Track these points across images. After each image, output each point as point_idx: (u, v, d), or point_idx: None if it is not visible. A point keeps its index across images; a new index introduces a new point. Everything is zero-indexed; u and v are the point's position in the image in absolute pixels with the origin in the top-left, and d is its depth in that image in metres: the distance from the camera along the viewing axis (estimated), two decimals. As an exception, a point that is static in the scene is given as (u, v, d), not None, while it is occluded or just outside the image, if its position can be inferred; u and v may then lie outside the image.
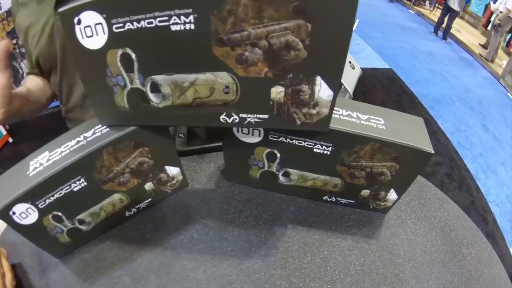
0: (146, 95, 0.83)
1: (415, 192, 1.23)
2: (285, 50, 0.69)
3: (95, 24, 0.72)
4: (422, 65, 8.63)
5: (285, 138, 0.95)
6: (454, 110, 6.82)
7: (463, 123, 6.38)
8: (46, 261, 1.06)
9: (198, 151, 1.34)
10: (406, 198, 1.16)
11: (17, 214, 0.87)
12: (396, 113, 0.98)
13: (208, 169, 1.28)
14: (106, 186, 0.98)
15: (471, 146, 5.73)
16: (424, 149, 0.88)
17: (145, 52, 0.75)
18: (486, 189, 4.85)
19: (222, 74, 0.75)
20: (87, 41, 0.75)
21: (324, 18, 0.65)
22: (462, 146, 5.63)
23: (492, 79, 8.82)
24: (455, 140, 5.73)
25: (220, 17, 0.66)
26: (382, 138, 0.88)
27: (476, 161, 5.38)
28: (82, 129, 0.96)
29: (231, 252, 1.01)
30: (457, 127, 6.19)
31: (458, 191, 4.59)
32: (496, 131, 6.37)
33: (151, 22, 0.69)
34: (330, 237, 1.04)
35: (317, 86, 0.75)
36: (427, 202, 1.20)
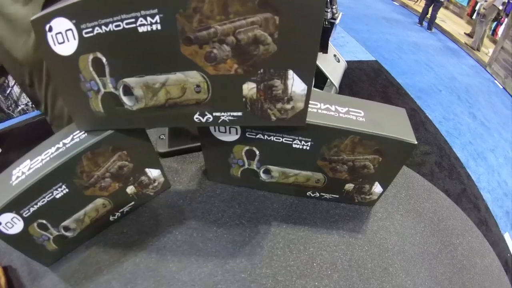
0: (120, 98, 0.82)
1: (402, 183, 1.22)
2: (253, 45, 0.68)
3: (65, 30, 0.72)
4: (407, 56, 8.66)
5: (262, 135, 0.94)
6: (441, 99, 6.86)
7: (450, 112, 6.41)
8: (35, 269, 1.06)
9: (179, 152, 1.34)
10: (392, 190, 1.16)
11: (3, 224, 0.87)
12: (377, 105, 0.98)
13: (190, 169, 1.28)
14: (87, 191, 0.98)
15: (459, 134, 5.76)
16: (407, 140, 0.88)
17: (115, 55, 0.75)
18: (477, 177, 4.88)
19: (192, 73, 0.74)
20: (59, 47, 0.75)
21: (292, 9, 0.64)
22: (451, 135, 5.66)
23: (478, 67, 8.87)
24: (444, 129, 5.76)
25: (185, 16, 0.65)
26: (362, 131, 0.87)
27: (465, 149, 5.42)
28: (61, 135, 0.96)
29: (215, 252, 1.01)
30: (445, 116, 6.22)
31: (448, 179, 4.61)
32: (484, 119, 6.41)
33: (119, 25, 0.68)
34: (316, 233, 1.04)
35: (289, 80, 0.74)
36: (414, 193, 1.19)
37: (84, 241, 1.08)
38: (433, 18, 10.83)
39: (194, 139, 1.33)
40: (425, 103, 6.43)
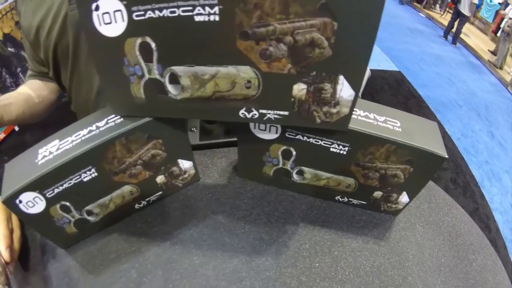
0: (164, 86, 0.82)
1: (425, 196, 1.23)
2: (310, 47, 0.69)
3: (114, 10, 0.71)
4: (430, 68, 8.62)
5: (302, 136, 0.94)
6: (461, 115, 6.82)
7: (469, 129, 6.38)
8: (50, 251, 1.05)
9: (210, 146, 1.33)
10: (415, 201, 1.17)
11: (24, 203, 0.86)
12: (411, 116, 0.98)
13: (220, 164, 1.28)
14: (116, 177, 0.98)
15: (476, 152, 5.73)
16: (438, 153, 0.88)
17: (165, 42, 0.75)
18: (490, 197, 4.85)
19: (244, 68, 0.74)
20: (105, 28, 0.74)
21: (351, 17, 0.64)
22: (468, 152, 5.63)
23: (499, 85, 8.81)
24: (461, 146, 5.73)
25: (245, 10, 0.65)
26: (399, 141, 0.88)
27: (481, 168, 5.38)
28: (94, 118, 0.95)
29: (241, 248, 1.01)
30: (463, 133, 6.19)
31: (462, 197, 4.59)
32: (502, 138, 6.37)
33: (174, 11, 0.68)
34: (341, 237, 1.04)
35: (339, 85, 0.75)
36: (435, 206, 1.20)
37: (105, 227, 1.08)
38: (458, 32, 10.78)
39: (225, 134, 1.33)
40: (444, 118, 6.40)
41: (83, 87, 1.48)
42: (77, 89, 1.50)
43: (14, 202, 0.85)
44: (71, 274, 0.99)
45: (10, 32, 3.78)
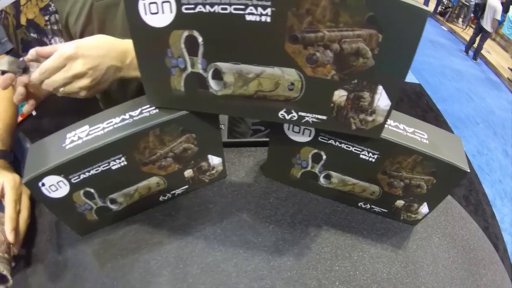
0: (206, 81, 0.84)
1: (442, 208, 1.24)
2: (354, 56, 0.71)
3: (162, 1, 0.73)
4: (450, 82, 8.59)
5: (334, 141, 0.97)
6: (478, 132, 6.79)
7: (485, 147, 6.34)
8: (66, 237, 1.07)
9: (237, 144, 1.35)
10: (433, 213, 1.18)
11: (46, 186, 0.87)
12: (437, 129, 1.00)
13: (247, 163, 1.29)
14: (145, 168, 0.99)
15: (490, 171, 5.70)
16: (461, 167, 0.91)
17: (213, 38, 0.76)
18: (501, 217, 4.83)
19: (289, 71, 0.76)
20: (151, 18, 0.76)
21: (395, 30, 0.67)
22: (482, 170, 5.60)
23: (518, 104, 8.78)
24: (476, 163, 5.70)
25: (297, 15, 0.67)
26: (426, 152, 0.90)
27: (494, 187, 5.35)
28: (127, 107, 0.96)
29: (264, 247, 1.03)
30: (479, 150, 6.15)
31: (473, 215, 4.57)
32: (517, 158, 6.34)
33: (226, 8, 0.70)
34: (361, 243, 1.06)
35: (377, 95, 0.77)
36: (452, 219, 1.21)
37: (126, 217, 1.09)
38: (479, 48, 10.71)
39: (253, 133, 1.34)
40: (461, 134, 6.36)
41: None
42: None
43: (36, 184, 0.86)
44: (86, 262, 1.01)
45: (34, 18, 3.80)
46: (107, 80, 1.01)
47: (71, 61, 0.92)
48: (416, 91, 7.41)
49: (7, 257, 0.91)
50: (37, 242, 1.07)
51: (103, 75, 0.98)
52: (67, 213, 0.99)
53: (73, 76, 0.93)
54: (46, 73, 0.91)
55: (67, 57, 0.91)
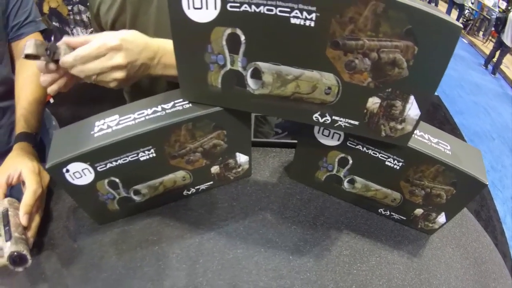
0: (245, 79, 0.86)
1: (458, 220, 1.27)
2: (390, 66, 0.74)
3: None
4: (468, 96, 8.57)
5: (362, 147, 1.00)
6: (493, 147, 6.76)
7: (499, 163, 6.32)
8: (83, 225, 1.10)
9: (262, 144, 1.38)
10: (448, 224, 1.19)
11: (71, 173, 0.90)
12: (459, 141, 1.03)
13: (271, 163, 1.32)
14: (174, 161, 1.01)
15: (503, 187, 5.68)
16: (481, 179, 0.93)
17: (256, 37, 0.79)
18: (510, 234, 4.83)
19: (328, 75, 0.80)
20: (194, 12, 0.78)
21: (430, 44, 0.70)
22: (495, 186, 5.59)
23: (535, 122, 8.74)
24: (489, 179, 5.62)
25: (340, 22, 0.70)
26: (448, 163, 0.93)
27: (506, 204, 5.33)
28: (160, 99, 0.98)
29: (285, 247, 1.06)
30: (493, 166, 6.13)
31: (483, 231, 4.56)
32: (530, 177, 6.32)
33: (271, 10, 0.73)
34: (379, 248, 1.09)
35: (408, 104, 0.80)
36: (466, 231, 1.24)
37: (148, 208, 1.12)
38: (499, 63, 10.65)
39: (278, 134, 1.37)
40: (477, 149, 6.35)
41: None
42: None
43: (60, 170, 0.88)
44: (103, 250, 1.03)
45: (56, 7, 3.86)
46: (137, 76, 1.03)
47: (113, 52, 0.94)
48: (434, 103, 7.40)
49: (25, 237, 0.94)
50: (53, 229, 1.09)
51: (136, 71, 1.00)
52: (89, 201, 1.01)
53: (112, 67, 0.94)
54: (82, 60, 0.93)
55: (111, 47, 0.93)
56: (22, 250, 0.87)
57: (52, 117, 1.81)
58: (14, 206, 0.99)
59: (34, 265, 0.98)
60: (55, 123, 1.82)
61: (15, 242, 0.88)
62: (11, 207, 0.97)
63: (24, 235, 0.94)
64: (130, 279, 0.97)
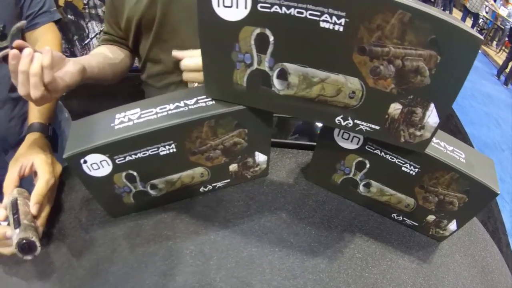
0: (270, 79, 0.89)
1: (467, 228, 1.29)
2: (413, 74, 0.77)
3: None
4: (479, 106, 8.57)
5: (380, 151, 1.02)
6: (502, 159, 6.75)
7: (508, 174, 6.32)
8: (96, 217, 1.13)
9: (279, 144, 1.41)
10: (459, 232, 1.22)
11: (88, 164, 0.92)
12: (472, 150, 1.06)
13: (288, 164, 1.35)
14: (193, 157, 1.04)
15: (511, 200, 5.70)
16: (493, 188, 0.96)
17: (284, 38, 0.82)
18: (515, 248, 4.82)
19: (353, 80, 0.82)
20: (223, 11, 0.81)
21: (453, 54, 0.73)
22: (503, 198, 5.59)
23: (545, 135, 8.73)
24: (497, 191, 5.67)
25: (368, 28, 0.73)
26: (463, 171, 0.95)
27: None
28: (182, 95, 1.01)
29: (299, 247, 1.08)
30: (502, 178, 6.12)
31: (489, 242, 4.56)
32: (539, 190, 6.32)
33: (302, 12, 0.76)
34: (391, 252, 1.11)
35: (428, 112, 0.83)
36: (475, 240, 1.26)
37: (163, 203, 1.14)
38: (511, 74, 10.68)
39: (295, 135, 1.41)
40: (486, 159, 6.34)
41: (161, 60, 1.54)
42: (154, 61, 1.56)
43: (78, 161, 0.90)
44: (116, 243, 1.06)
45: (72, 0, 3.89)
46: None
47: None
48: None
49: (34, 225, 0.96)
50: (64, 220, 1.12)
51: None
52: (104, 194, 1.03)
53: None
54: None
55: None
56: (31, 237, 0.89)
57: (64, 109, 1.84)
58: (24, 196, 1.01)
59: (43, 255, 1.01)
60: (68, 115, 1.85)
61: (24, 229, 0.90)
62: (20, 197, 0.99)
63: (33, 223, 0.96)
64: (141, 273, 0.99)
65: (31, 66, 0.87)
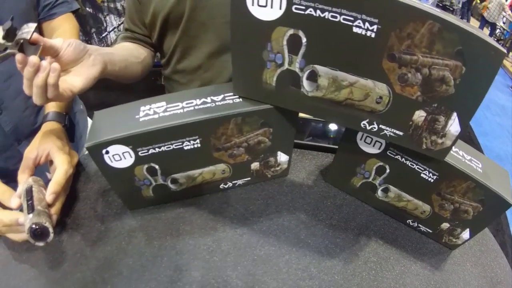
0: (300, 80, 0.92)
1: (478, 238, 1.33)
2: (439, 83, 0.81)
3: None
4: (493, 117, 8.54)
5: (401, 157, 1.06)
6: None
7: (519, 188, 6.31)
8: (112, 208, 1.15)
9: (302, 146, 1.44)
10: (470, 242, 1.26)
11: (110, 154, 0.94)
12: (488, 160, 1.09)
13: (308, 165, 1.38)
14: (217, 154, 1.07)
15: (520, 214, 5.70)
16: (507, 199, 0.98)
17: (317, 41, 0.85)
18: (523, 261, 4.81)
19: (381, 85, 0.86)
20: (257, 9, 0.84)
21: (477, 66, 0.77)
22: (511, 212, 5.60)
23: (558, 147, 8.70)
24: (508, 204, 5.65)
25: (399, 36, 0.77)
26: (479, 180, 0.99)
27: (521, 230, 5.35)
28: (209, 91, 1.04)
29: (316, 248, 1.11)
30: (511, 192, 6.12)
31: (496, 255, 4.55)
32: (548, 204, 6.28)
33: (336, 16, 0.79)
34: (405, 258, 1.14)
35: (451, 120, 0.86)
36: (485, 250, 1.29)
37: (182, 198, 1.17)
38: (526, 86, 10.65)
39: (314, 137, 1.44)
40: (497, 172, 6.32)
41: (186, 56, 1.56)
42: (179, 58, 1.59)
43: (99, 151, 0.93)
44: (132, 235, 1.09)
45: (90, -7, 3.95)
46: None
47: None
48: (459, 122, 7.37)
49: (48, 212, 0.97)
50: (79, 209, 1.15)
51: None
52: (123, 185, 1.06)
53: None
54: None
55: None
56: (44, 222, 0.89)
57: (80, 101, 1.85)
58: (39, 184, 1.03)
59: (55, 243, 1.04)
60: (82, 107, 1.87)
61: (37, 214, 0.90)
62: (35, 184, 1.01)
63: (47, 210, 0.97)
64: (157, 266, 1.02)
65: (36, 79, 0.85)
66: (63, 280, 0.97)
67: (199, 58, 1.53)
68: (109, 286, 0.96)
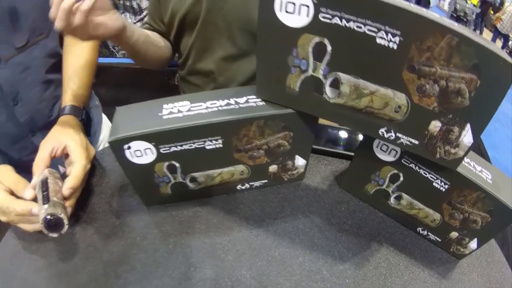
0: (323, 86, 0.96)
1: (485, 249, 1.36)
2: (455, 94, 0.85)
3: (300, 3, 0.85)
4: (504, 130, 8.49)
5: (415, 166, 1.10)
6: (524, 186, 6.73)
7: (526, 203, 6.30)
8: (127, 203, 1.19)
9: (318, 151, 1.48)
10: (477, 252, 1.28)
11: (132, 150, 0.97)
12: (498, 171, 1.12)
13: (323, 171, 1.43)
14: (237, 155, 1.10)
15: (526, 228, 5.70)
16: None
17: (342, 49, 0.89)
18: (528, 275, 4.81)
19: (400, 95, 0.90)
20: (285, 16, 0.88)
21: (492, 80, 0.81)
22: (517, 226, 5.58)
23: None
24: (515, 217, 5.64)
25: (419, 49, 0.81)
26: (489, 191, 1.02)
27: (526, 245, 5.36)
28: (232, 93, 1.07)
29: (329, 252, 1.15)
30: (520, 206, 6.11)
31: (502, 268, 4.55)
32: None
33: (360, 27, 0.83)
34: (413, 265, 1.15)
35: (464, 131, 0.90)
36: (491, 261, 1.33)
37: (199, 197, 1.20)
38: (538, 98, 10.61)
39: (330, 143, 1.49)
40: (505, 186, 6.30)
41: (201, 58, 1.61)
42: (194, 59, 1.63)
43: (121, 146, 0.96)
44: (147, 232, 1.12)
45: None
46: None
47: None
48: (470, 134, 7.34)
49: (63, 204, 1.00)
50: (94, 203, 1.19)
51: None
52: (142, 181, 1.10)
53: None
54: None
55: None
56: (59, 213, 0.91)
57: (95, 97, 1.89)
58: (54, 176, 1.06)
59: (69, 235, 1.07)
60: (98, 103, 1.91)
61: (52, 204, 0.92)
62: (51, 176, 1.04)
63: (62, 201, 1.00)
64: (171, 263, 1.05)
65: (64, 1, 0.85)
66: (74, 272, 1.00)
67: (214, 61, 1.57)
68: (122, 281, 0.99)
